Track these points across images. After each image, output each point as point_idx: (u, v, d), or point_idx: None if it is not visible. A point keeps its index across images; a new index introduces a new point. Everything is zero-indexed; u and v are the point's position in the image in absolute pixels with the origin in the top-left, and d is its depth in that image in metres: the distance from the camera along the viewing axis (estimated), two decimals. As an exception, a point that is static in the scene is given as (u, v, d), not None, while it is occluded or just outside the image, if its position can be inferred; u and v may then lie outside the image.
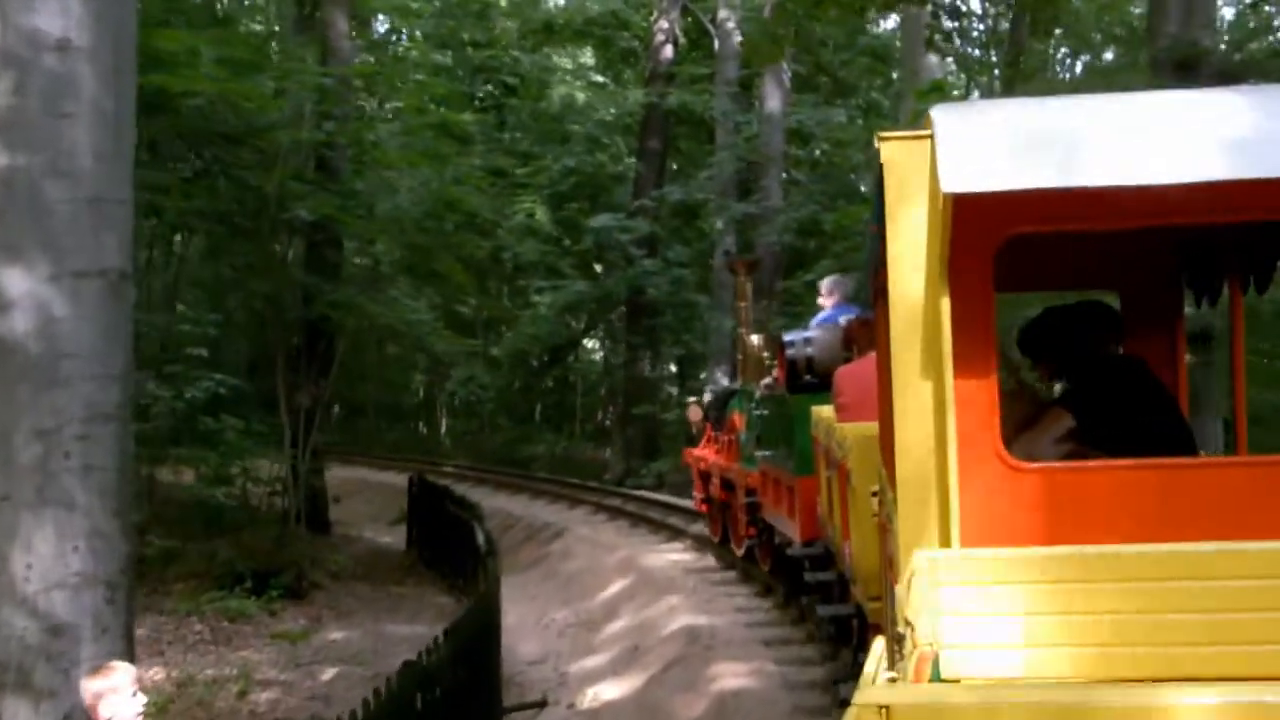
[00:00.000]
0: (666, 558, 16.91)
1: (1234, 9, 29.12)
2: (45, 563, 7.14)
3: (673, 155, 34.89)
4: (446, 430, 42.52)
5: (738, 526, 14.62)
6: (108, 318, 7.32)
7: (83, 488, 7.17)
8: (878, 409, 5.83)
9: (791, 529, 11.10)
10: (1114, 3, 30.09)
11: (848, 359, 9.71)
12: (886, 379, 4.61)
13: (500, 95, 39.12)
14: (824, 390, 9.62)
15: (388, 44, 38.43)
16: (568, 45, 38.87)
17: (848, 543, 7.63)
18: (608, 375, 39.36)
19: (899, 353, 4.36)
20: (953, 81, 27.53)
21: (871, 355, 8.36)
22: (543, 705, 12.30)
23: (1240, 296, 5.33)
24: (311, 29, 23.35)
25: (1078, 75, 33.74)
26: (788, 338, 11.38)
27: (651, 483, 26.58)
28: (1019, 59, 27.39)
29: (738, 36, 30.32)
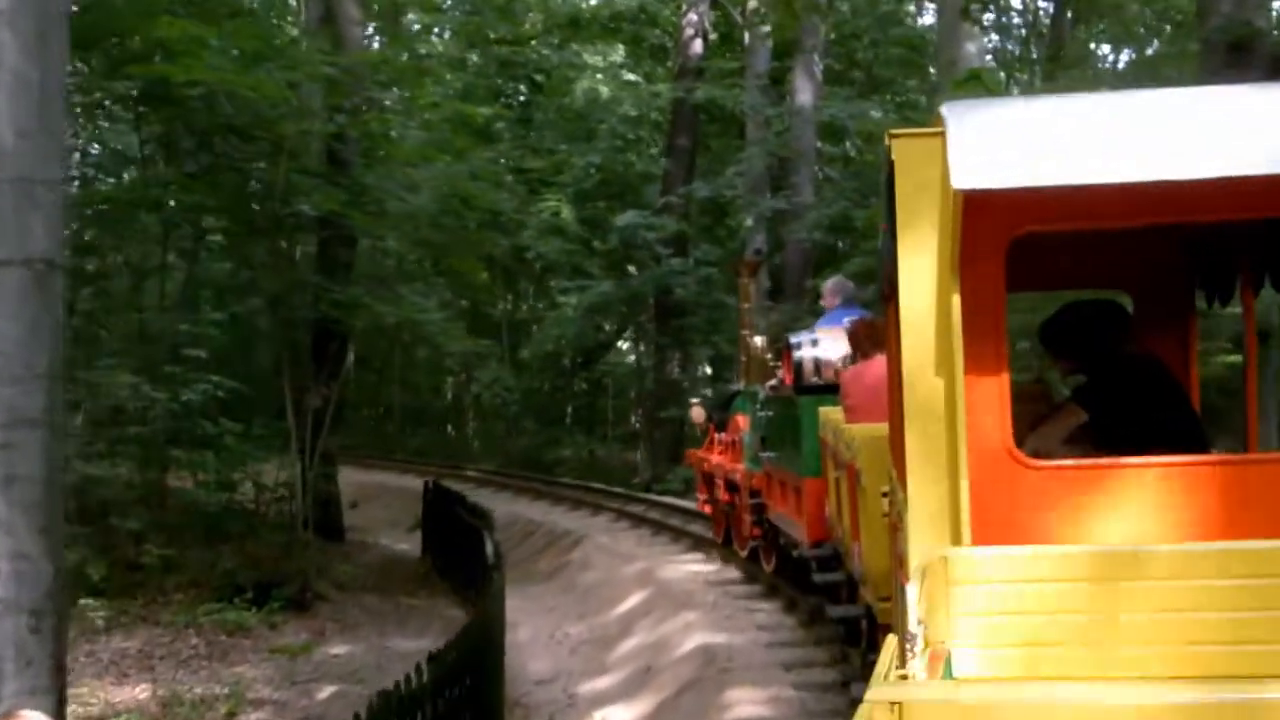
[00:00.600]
0: (686, 569, 16.12)
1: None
2: (-43, 587, 6.40)
3: (702, 154, 34.13)
4: (475, 433, 41.82)
5: (741, 527, 14.68)
6: (32, 312, 6.54)
7: (4, 501, 6.40)
8: (887, 409, 5.90)
9: (798, 530, 11.15)
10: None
11: (854, 360, 9.65)
12: (897, 377, 4.57)
13: (529, 92, 38.51)
14: (830, 391, 9.90)
15: (414, 39, 37.87)
16: (595, 41, 38.13)
17: (857, 543, 7.61)
18: (639, 378, 38.67)
19: (910, 351, 4.31)
20: (989, 76, 26.74)
21: (877, 357, 8.73)
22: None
23: (1252, 296, 5.30)
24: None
25: (1121, 69, 32.79)
26: (794, 339, 11.43)
27: (678, 487, 25.80)
28: (1060, 51, 26.65)
29: (767, 29, 29.65)
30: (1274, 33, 16.15)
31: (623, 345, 42.83)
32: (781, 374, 12.05)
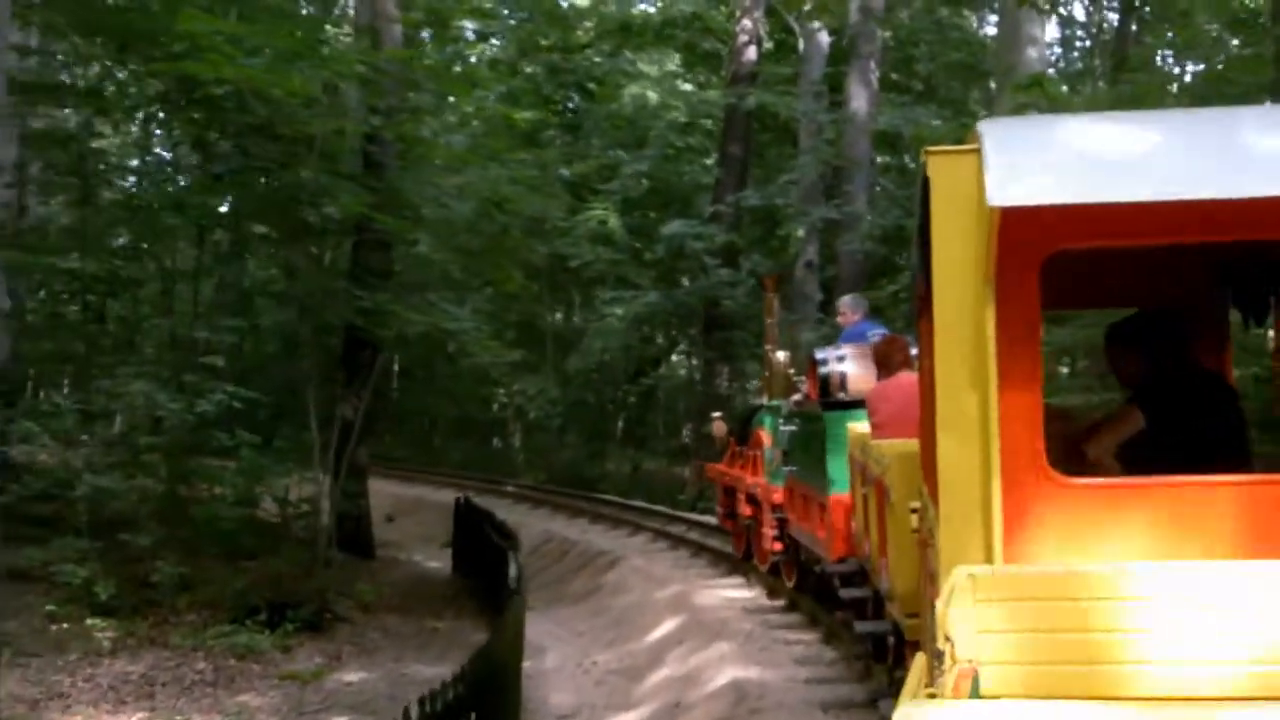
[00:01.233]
0: (723, 594, 15.26)
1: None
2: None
3: (757, 164, 33.30)
4: (520, 446, 41.07)
5: (762, 542, 14.62)
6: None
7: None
8: (917, 424, 5.86)
9: (821, 546, 11.12)
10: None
11: (880, 377, 9.63)
12: (930, 393, 4.56)
13: (579, 100, 37.83)
14: (856, 407, 9.94)
15: (466, 44, 37.38)
16: (649, 48, 37.36)
17: (885, 559, 7.52)
18: (690, 391, 37.84)
19: (943, 367, 4.29)
20: (1050, 83, 25.76)
21: (903, 374, 8.96)
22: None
23: None
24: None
25: (1188, 79, 31.67)
26: (820, 354, 11.48)
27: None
28: (1124, 62, 25.69)
29: (824, 36, 28.84)
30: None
31: (676, 359, 42.06)
32: (806, 389, 12.10)
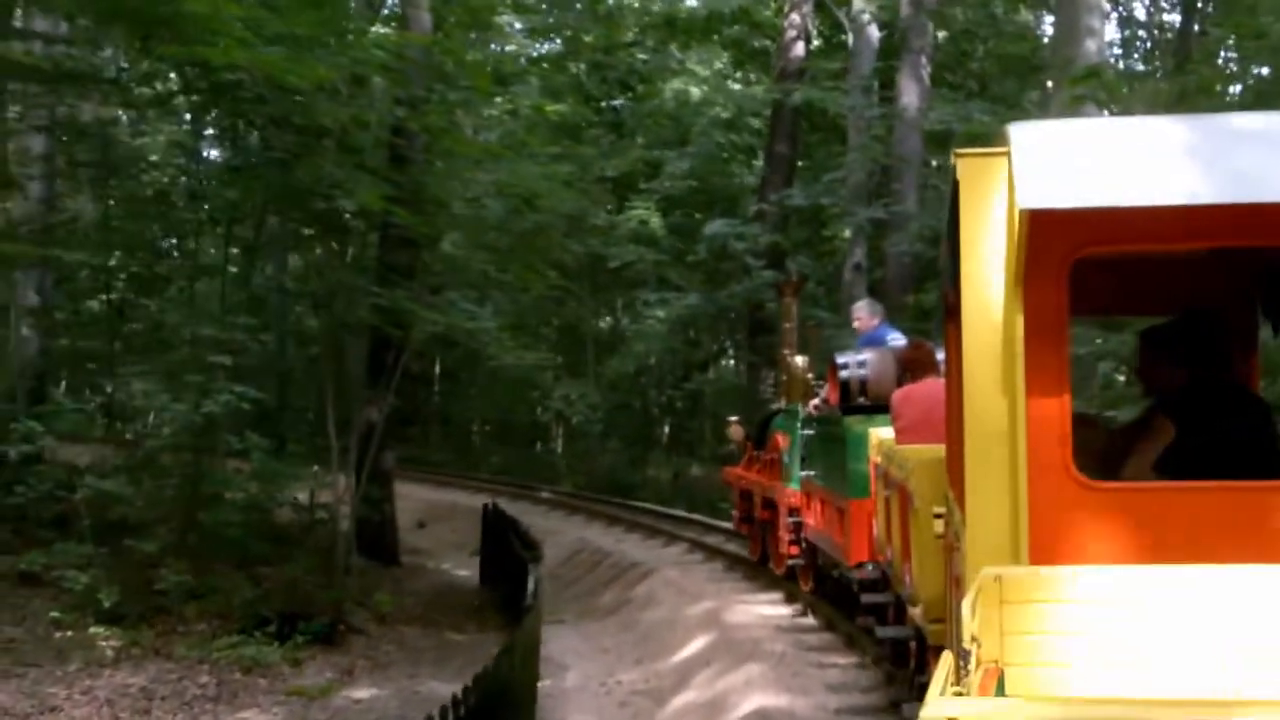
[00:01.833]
0: (756, 611, 14.42)
1: None
2: None
3: (804, 163, 32.42)
4: (561, 451, 40.28)
5: (779, 546, 14.64)
6: None
7: None
8: (941, 430, 5.89)
9: (840, 551, 11.13)
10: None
11: (902, 381, 9.66)
12: (957, 396, 4.59)
13: (623, 97, 37.09)
14: (877, 412, 10.06)
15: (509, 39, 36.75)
16: (694, 45, 36.54)
17: (908, 564, 7.49)
18: (736, 396, 36.95)
19: (971, 370, 4.30)
20: (1108, 74, 24.79)
21: (927, 379, 9.00)
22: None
23: None
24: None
25: (1252, 81, 30.60)
26: (840, 359, 11.49)
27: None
28: (1187, 59, 24.72)
29: (874, 30, 27.97)
30: None
31: (726, 363, 41.20)
32: (825, 393, 12.04)
